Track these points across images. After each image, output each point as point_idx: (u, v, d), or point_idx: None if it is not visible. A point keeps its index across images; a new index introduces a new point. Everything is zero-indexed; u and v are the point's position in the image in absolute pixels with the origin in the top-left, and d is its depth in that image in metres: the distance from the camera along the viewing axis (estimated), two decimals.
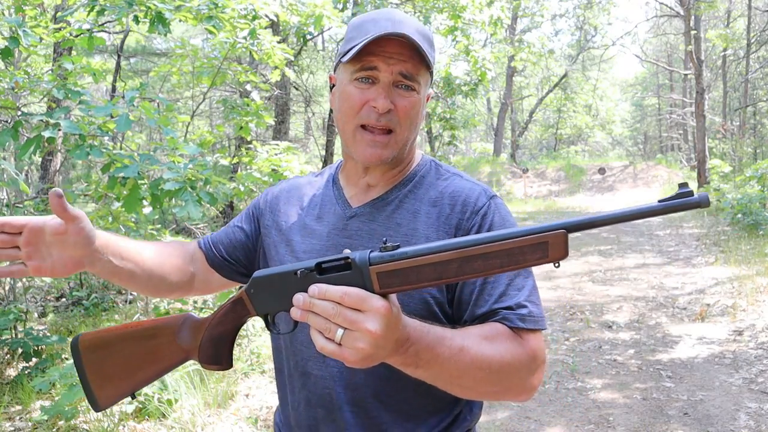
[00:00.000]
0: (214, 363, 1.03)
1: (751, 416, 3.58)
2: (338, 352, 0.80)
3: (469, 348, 0.92)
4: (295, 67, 8.87)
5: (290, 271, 0.89)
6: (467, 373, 0.92)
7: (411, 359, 0.87)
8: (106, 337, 1.06)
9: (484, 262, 0.81)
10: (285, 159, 4.56)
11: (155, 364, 1.05)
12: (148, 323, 1.07)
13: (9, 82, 3.41)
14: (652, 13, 25.14)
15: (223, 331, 1.02)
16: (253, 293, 0.96)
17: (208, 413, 3.54)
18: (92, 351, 1.05)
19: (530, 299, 1.04)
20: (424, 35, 1.08)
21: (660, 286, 6.94)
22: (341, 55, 1.09)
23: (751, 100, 22.26)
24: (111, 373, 1.05)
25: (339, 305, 0.80)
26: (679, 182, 0.78)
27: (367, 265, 0.83)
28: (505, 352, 0.96)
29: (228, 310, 1.00)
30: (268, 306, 0.95)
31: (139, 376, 1.06)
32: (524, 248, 0.80)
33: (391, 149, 1.08)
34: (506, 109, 26.70)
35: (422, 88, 1.09)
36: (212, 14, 3.86)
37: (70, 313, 5.24)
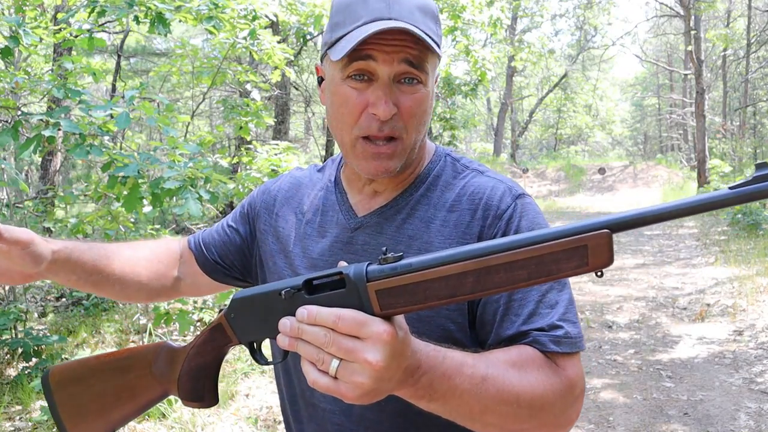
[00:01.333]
0: (195, 399, 0.90)
1: (751, 416, 3.57)
2: (334, 387, 0.67)
3: (494, 378, 0.77)
4: (295, 67, 8.88)
5: (274, 290, 0.76)
6: (491, 409, 0.76)
7: (423, 391, 0.73)
8: (77, 370, 0.97)
9: (508, 274, 0.65)
10: (285, 159, 4.56)
11: (131, 402, 0.95)
12: (122, 353, 0.97)
13: (9, 82, 3.41)
14: (652, 13, 25.16)
15: (202, 363, 0.89)
16: (233, 318, 0.83)
17: (208, 413, 3.54)
18: (63, 387, 0.96)
19: (566, 317, 0.86)
20: (426, 10, 0.89)
21: (660, 286, 6.94)
22: (327, 46, 0.91)
23: (751, 100, 22.26)
24: (84, 411, 0.95)
25: (332, 331, 0.67)
26: (756, 162, 0.60)
27: (364, 282, 0.68)
28: (537, 382, 0.80)
29: (206, 339, 0.87)
30: (252, 333, 0.82)
31: (115, 415, 0.95)
32: (557, 254, 0.64)
33: (397, 159, 0.91)
34: (506, 109, 26.70)
35: (430, 76, 0.90)
36: (212, 14, 3.86)
37: (70, 313, 5.24)
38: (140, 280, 1.10)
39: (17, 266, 0.94)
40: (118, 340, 4.67)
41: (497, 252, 0.65)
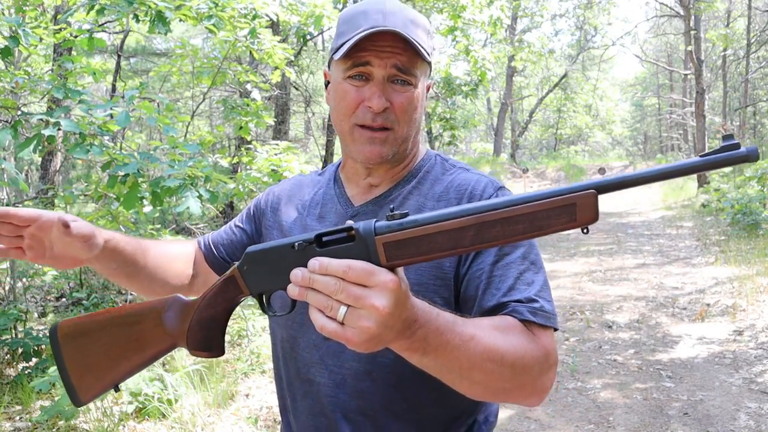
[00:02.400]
0: (204, 349, 0.93)
1: (751, 416, 3.57)
2: (340, 332, 0.72)
3: (481, 338, 0.84)
4: (295, 67, 8.88)
5: (287, 244, 0.81)
6: (478, 365, 0.83)
7: (418, 344, 0.78)
8: (86, 324, 0.98)
9: (505, 228, 0.73)
10: (285, 159, 4.56)
11: (140, 353, 0.96)
12: (131, 308, 0.98)
13: (9, 82, 3.40)
14: (652, 13, 25.15)
15: (213, 314, 0.92)
16: (246, 270, 0.87)
17: (208, 413, 3.54)
18: (72, 339, 0.96)
19: (541, 294, 0.97)
20: (418, 24, 1.03)
21: (660, 286, 6.94)
22: (333, 51, 1.04)
23: (751, 100, 22.26)
24: (92, 363, 0.96)
25: (342, 280, 0.72)
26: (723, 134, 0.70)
27: (373, 235, 0.75)
28: (518, 345, 0.88)
29: (219, 291, 0.91)
30: (263, 284, 0.86)
31: (123, 367, 0.96)
32: (549, 211, 0.72)
33: (390, 146, 1.04)
34: (506, 109, 26.70)
35: (419, 80, 1.04)
36: (212, 13, 3.86)
37: (70, 313, 5.24)
38: (166, 277, 1.18)
39: (72, 250, 1.02)
40: None
41: (495, 209, 0.73)
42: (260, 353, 4.32)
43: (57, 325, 0.97)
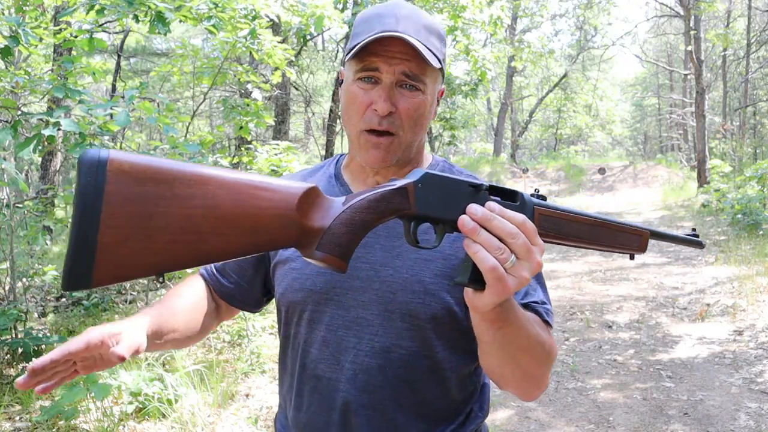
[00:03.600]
0: (339, 256, 0.78)
1: (751, 416, 3.57)
2: (503, 276, 0.77)
3: (532, 323, 0.94)
4: (295, 67, 8.87)
5: (464, 182, 0.85)
6: (530, 348, 0.93)
7: (505, 315, 0.86)
8: (171, 169, 0.66)
9: (612, 236, 0.93)
10: (285, 159, 4.56)
11: (247, 235, 0.70)
12: (257, 177, 0.74)
13: (9, 82, 3.41)
14: (652, 13, 25.16)
15: (368, 220, 0.81)
16: (420, 189, 0.83)
17: (208, 413, 3.54)
18: (134, 182, 0.63)
19: (547, 298, 1.08)
20: (431, 30, 1.04)
21: (660, 286, 6.94)
22: (347, 52, 1.05)
23: (751, 100, 22.26)
24: (158, 226, 0.64)
25: (519, 231, 0.78)
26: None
27: (533, 204, 0.86)
28: (548, 338, 0.99)
29: (385, 196, 0.81)
30: (431, 208, 0.84)
31: (210, 245, 0.67)
32: (633, 235, 0.95)
33: (393, 153, 1.05)
34: (506, 109, 26.70)
35: (429, 86, 1.04)
36: (212, 14, 3.86)
37: (70, 313, 5.24)
38: (193, 327, 1.17)
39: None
40: None
41: (608, 221, 0.93)
42: (260, 353, 4.32)
43: (107, 156, 0.63)
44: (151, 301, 4.94)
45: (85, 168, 0.62)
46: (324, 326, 1.08)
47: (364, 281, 1.05)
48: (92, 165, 0.62)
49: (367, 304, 1.05)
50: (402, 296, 1.04)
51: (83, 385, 3.13)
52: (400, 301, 1.04)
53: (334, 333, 1.07)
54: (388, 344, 1.04)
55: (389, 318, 1.04)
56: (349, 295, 1.06)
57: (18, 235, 5.27)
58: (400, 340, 1.04)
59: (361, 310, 1.05)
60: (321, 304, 1.08)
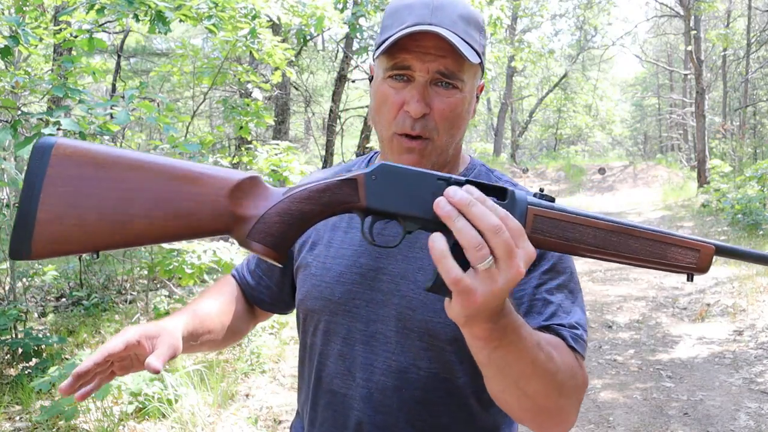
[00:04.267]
0: (271, 246, 0.74)
1: (751, 416, 3.57)
2: (468, 283, 0.65)
3: (544, 347, 0.79)
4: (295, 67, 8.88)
5: (433, 174, 0.75)
6: (537, 375, 0.78)
7: (498, 333, 0.73)
8: (108, 155, 0.71)
9: (641, 245, 0.75)
10: (285, 159, 4.56)
11: (173, 219, 0.71)
12: (193, 165, 0.75)
13: (9, 81, 3.40)
14: (652, 13, 25.15)
15: (307, 211, 0.75)
16: (374, 180, 0.75)
17: (208, 413, 3.54)
18: (71, 164, 0.69)
19: (581, 323, 0.93)
20: (470, 20, 0.93)
21: (660, 286, 6.94)
22: (377, 46, 0.96)
23: (751, 100, 22.26)
24: (90, 206, 0.69)
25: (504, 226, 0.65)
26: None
27: (526, 202, 0.73)
28: (570, 366, 0.84)
29: (329, 188, 0.76)
30: (386, 202, 0.75)
31: (138, 227, 0.70)
32: (679, 247, 0.76)
33: (428, 157, 0.96)
34: (506, 109, 26.70)
35: (467, 83, 0.94)
36: (212, 13, 3.86)
37: (70, 313, 5.24)
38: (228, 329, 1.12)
39: None
40: None
41: (639, 228, 0.76)
42: (260, 353, 4.31)
43: (54, 141, 0.69)
44: (151, 301, 4.94)
45: (34, 152, 0.69)
46: (341, 339, 1.01)
47: (385, 294, 0.98)
48: (40, 149, 0.69)
49: (386, 319, 0.98)
50: (421, 314, 0.95)
51: None
52: (419, 319, 0.95)
53: (351, 347, 1.00)
54: (405, 364, 0.97)
55: (407, 336, 0.96)
56: (369, 308, 0.99)
57: None
58: (418, 361, 0.96)
59: (380, 325, 0.98)
60: (339, 315, 1.01)
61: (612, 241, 0.75)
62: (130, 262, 5.47)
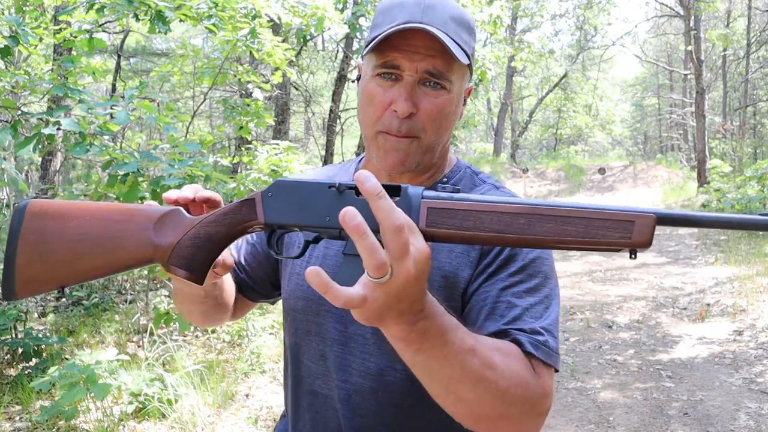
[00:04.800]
0: (185, 267, 0.82)
1: (751, 416, 3.57)
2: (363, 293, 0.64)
3: (482, 352, 0.76)
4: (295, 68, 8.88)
5: (325, 183, 0.77)
6: (470, 382, 0.75)
7: (416, 336, 0.70)
8: (63, 207, 0.85)
9: (558, 227, 0.69)
10: (285, 159, 4.56)
11: (108, 253, 0.83)
12: (124, 206, 0.88)
13: (9, 81, 3.40)
14: (652, 13, 25.16)
15: (213, 234, 0.82)
16: (270, 197, 0.80)
17: (208, 413, 3.54)
18: (39, 219, 0.84)
19: (548, 328, 0.89)
20: (461, 21, 0.93)
21: (660, 286, 6.94)
22: (367, 44, 0.96)
23: (751, 100, 22.26)
24: (49, 250, 0.83)
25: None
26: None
27: (419, 196, 0.72)
28: (517, 374, 0.80)
29: (230, 210, 0.82)
30: (284, 216, 0.79)
31: (83, 264, 0.83)
32: (607, 222, 0.69)
33: (413, 156, 0.95)
34: (506, 109, 26.70)
35: (456, 84, 0.94)
36: (212, 13, 3.86)
37: (70, 313, 5.24)
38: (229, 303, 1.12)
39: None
40: (119, 340, 4.67)
41: (552, 206, 0.70)
42: (260, 353, 4.31)
43: (27, 203, 0.86)
44: (151, 301, 4.94)
45: (14, 212, 0.85)
46: (321, 339, 1.01)
47: None
48: (17, 210, 0.85)
49: None
50: None
51: (83, 385, 3.13)
52: None
53: (330, 348, 1.00)
54: (382, 366, 0.97)
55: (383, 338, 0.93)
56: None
57: None
58: (394, 363, 0.95)
59: (358, 327, 0.97)
60: (320, 315, 1.01)
61: (519, 225, 0.70)
62: None
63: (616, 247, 0.70)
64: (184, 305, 1.07)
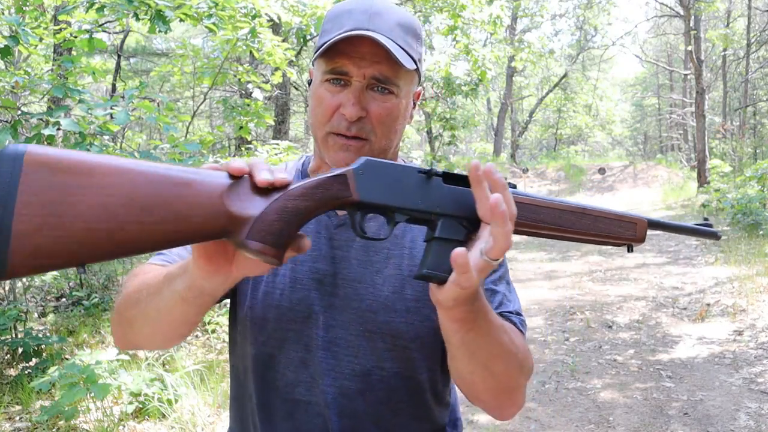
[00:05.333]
0: (272, 244, 0.71)
1: (751, 416, 3.57)
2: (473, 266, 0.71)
3: (507, 329, 0.88)
4: (295, 67, 8.88)
5: (413, 168, 0.79)
6: (503, 355, 0.86)
7: (473, 315, 0.78)
8: (89, 161, 0.65)
9: (593, 223, 0.86)
10: (285, 159, 4.56)
11: (166, 223, 0.67)
12: (178, 166, 0.71)
13: (9, 81, 3.40)
14: (652, 13, 25.16)
15: (302, 208, 0.74)
16: (361, 174, 0.77)
17: (208, 413, 3.54)
18: (50, 171, 0.63)
19: (521, 311, 1.03)
20: (407, 28, 0.95)
21: (660, 286, 6.94)
22: (316, 50, 0.97)
23: (751, 100, 22.26)
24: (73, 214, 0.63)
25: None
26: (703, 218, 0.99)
27: None
28: (524, 347, 0.93)
29: (321, 183, 0.75)
30: (376, 195, 0.77)
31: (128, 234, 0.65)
32: (623, 222, 0.88)
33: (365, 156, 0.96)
34: (506, 109, 26.71)
35: (403, 89, 0.97)
36: (212, 12, 3.86)
37: (70, 313, 5.24)
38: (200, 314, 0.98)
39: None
40: None
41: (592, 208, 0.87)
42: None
43: (24, 148, 0.64)
44: None
45: (3, 160, 0.63)
46: (302, 346, 0.99)
47: (342, 299, 0.99)
48: (9, 157, 0.63)
49: (346, 324, 0.98)
50: (383, 316, 0.98)
51: (83, 385, 3.13)
52: (381, 321, 0.98)
53: (312, 354, 0.99)
54: (368, 367, 0.98)
55: (370, 339, 0.98)
56: (327, 313, 0.99)
57: None
58: (381, 362, 0.99)
59: (340, 330, 0.98)
60: (297, 322, 0.99)
61: (568, 219, 0.84)
62: (130, 262, 5.47)
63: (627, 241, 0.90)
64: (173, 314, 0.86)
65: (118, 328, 0.96)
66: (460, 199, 0.79)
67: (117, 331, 0.97)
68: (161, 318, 0.87)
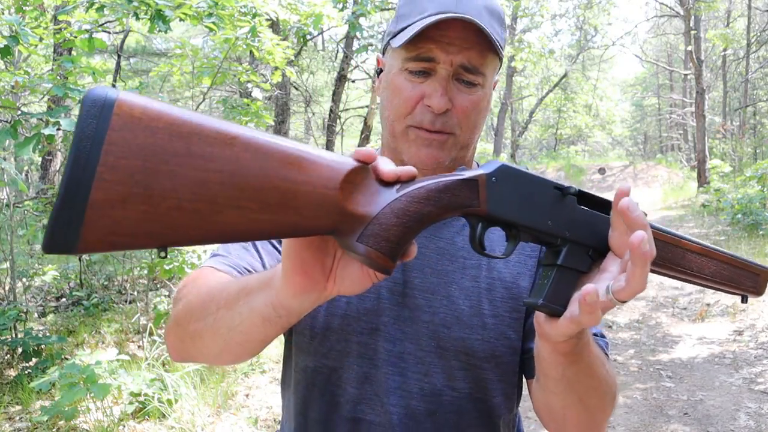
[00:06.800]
0: (387, 253, 0.58)
1: (751, 416, 3.57)
2: (600, 304, 0.63)
3: (603, 361, 0.79)
4: (295, 67, 8.88)
5: (549, 182, 0.69)
6: (600, 389, 0.78)
7: (580, 348, 0.71)
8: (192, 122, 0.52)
9: (717, 270, 0.76)
10: None
11: (270, 212, 0.54)
12: (289, 142, 0.57)
13: (9, 81, 3.40)
14: (652, 13, 25.16)
15: (425, 213, 0.61)
16: (494, 183, 0.65)
17: (208, 413, 3.54)
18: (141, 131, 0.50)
19: (603, 332, 0.95)
20: (493, 11, 0.87)
21: (660, 286, 6.94)
22: (390, 36, 0.90)
23: (751, 100, 22.27)
24: (166, 188, 0.50)
25: None
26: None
27: None
28: (614, 377, 0.83)
29: (448, 187, 0.63)
30: (506, 208, 0.66)
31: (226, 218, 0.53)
32: (745, 271, 0.78)
33: (448, 152, 0.89)
34: (506, 109, 26.71)
35: (488, 79, 0.89)
36: (212, 11, 3.86)
37: (70, 313, 5.24)
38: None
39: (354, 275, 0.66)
40: (119, 340, 4.67)
41: (717, 251, 0.77)
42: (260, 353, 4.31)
43: (117, 96, 0.50)
44: (151, 301, 4.94)
45: (87, 108, 0.49)
46: (366, 360, 0.91)
47: (413, 310, 0.90)
48: (96, 105, 0.49)
49: (416, 338, 0.90)
50: (457, 331, 0.89)
51: (83, 385, 3.13)
52: (456, 337, 0.89)
53: (377, 369, 0.90)
54: (439, 386, 0.90)
55: (441, 356, 0.90)
56: (396, 325, 0.90)
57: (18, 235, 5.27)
58: (453, 382, 0.91)
59: (409, 345, 0.90)
60: (363, 334, 0.91)
61: (677, 253, 0.74)
62: (130, 262, 5.46)
63: (744, 293, 0.80)
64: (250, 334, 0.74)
65: (177, 341, 0.84)
66: (592, 225, 0.69)
67: (175, 344, 0.85)
68: (233, 337, 0.75)
